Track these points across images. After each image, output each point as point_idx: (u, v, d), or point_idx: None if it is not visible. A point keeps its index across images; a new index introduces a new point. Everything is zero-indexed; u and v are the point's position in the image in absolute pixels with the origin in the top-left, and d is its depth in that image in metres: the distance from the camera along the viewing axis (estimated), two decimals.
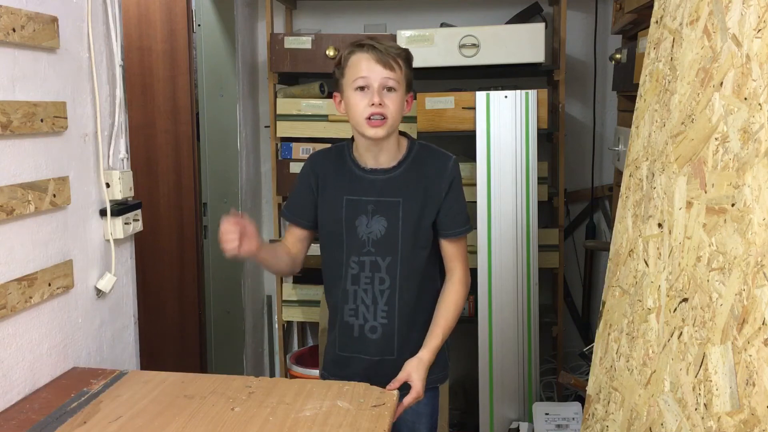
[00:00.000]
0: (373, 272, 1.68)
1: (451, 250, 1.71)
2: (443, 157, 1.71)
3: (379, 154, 1.67)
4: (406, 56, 1.64)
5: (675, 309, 1.29)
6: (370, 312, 1.69)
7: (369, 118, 1.58)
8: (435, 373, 1.72)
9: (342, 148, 1.73)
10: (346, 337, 1.73)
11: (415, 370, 1.61)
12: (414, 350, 1.68)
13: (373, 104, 1.57)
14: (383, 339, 1.70)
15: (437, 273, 1.76)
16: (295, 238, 1.76)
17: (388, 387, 1.54)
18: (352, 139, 1.72)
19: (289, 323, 3.30)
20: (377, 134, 1.60)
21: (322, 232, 1.74)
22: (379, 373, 1.65)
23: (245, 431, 1.35)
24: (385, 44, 1.60)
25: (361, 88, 1.59)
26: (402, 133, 1.71)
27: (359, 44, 1.61)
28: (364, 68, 1.58)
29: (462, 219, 1.71)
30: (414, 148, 1.70)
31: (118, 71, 1.85)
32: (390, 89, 1.59)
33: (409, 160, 1.68)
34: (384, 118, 1.58)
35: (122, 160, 1.88)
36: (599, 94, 3.15)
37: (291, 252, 1.75)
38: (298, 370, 2.98)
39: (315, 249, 1.84)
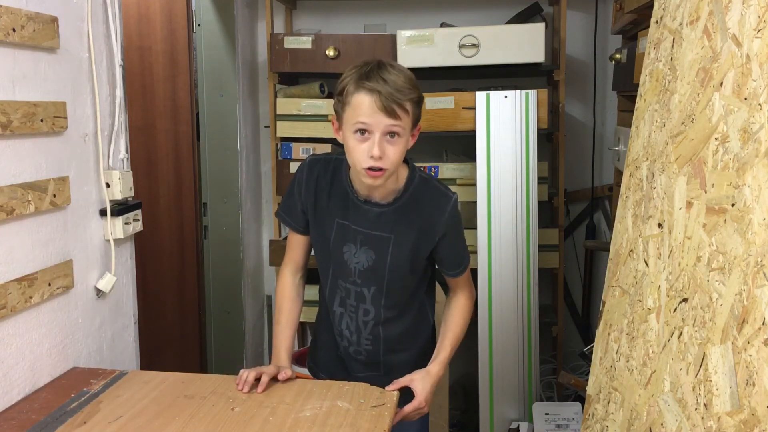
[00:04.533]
0: (358, 302, 1.64)
1: (455, 282, 1.70)
2: (442, 199, 1.60)
3: (374, 191, 1.58)
4: (417, 98, 1.49)
5: (675, 309, 1.29)
6: (353, 337, 1.68)
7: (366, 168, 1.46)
8: None
9: (339, 164, 1.61)
10: (336, 350, 1.73)
11: (419, 380, 1.59)
12: (401, 368, 1.65)
13: (372, 156, 1.44)
14: (368, 361, 1.70)
15: (425, 297, 1.73)
16: (301, 247, 1.72)
17: (387, 388, 1.54)
18: None
19: None
20: (375, 183, 1.49)
21: (314, 244, 1.70)
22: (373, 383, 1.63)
23: (245, 431, 1.35)
24: (393, 84, 1.43)
25: (362, 131, 1.45)
26: (404, 160, 1.59)
27: (366, 84, 1.44)
28: (366, 113, 1.43)
29: (461, 259, 1.67)
30: (413, 181, 1.59)
31: (118, 71, 1.85)
32: (393, 134, 1.45)
33: (407, 196, 1.58)
34: (382, 169, 1.46)
35: (122, 160, 1.88)
36: (599, 94, 3.15)
37: (297, 287, 1.74)
38: (298, 370, 2.96)
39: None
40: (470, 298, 1.72)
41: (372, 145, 1.44)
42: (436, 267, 1.72)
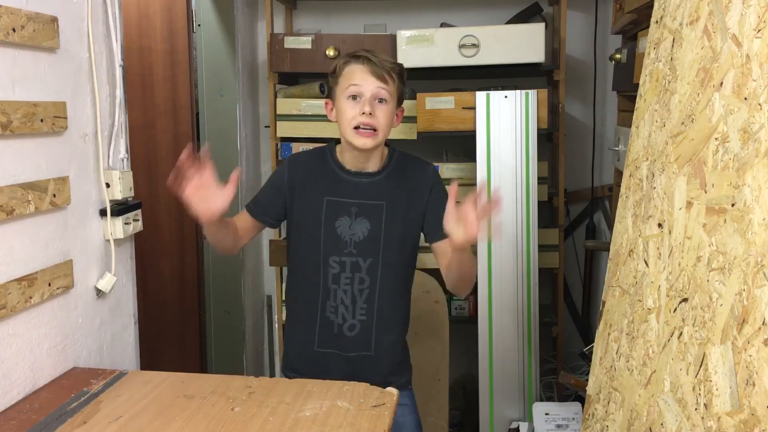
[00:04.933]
0: (353, 273, 1.70)
1: (447, 250, 1.69)
2: (423, 164, 1.76)
3: (365, 163, 1.70)
4: (400, 71, 1.67)
5: (675, 309, 1.29)
6: (349, 311, 1.72)
7: (357, 128, 1.61)
8: (405, 374, 1.83)
9: (323, 150, 1.76)
10: (325, 333, 1.74)
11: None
12: (390, 349, 1.74)
13: (363, 113, 1.60)
14: (361, 335, 1.72)
15: (410, 287, 1.80)
16: (248, 225, 1.76)
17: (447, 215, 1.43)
18: (336, 142, 1.74)
19: None
20: (365, 145, 1.62)
21: (298, 231, 1.75)
22: (358, 371, 1.68)
23: (245, 431, 1.35)
24: (381, 57, 1.65)
25: (354, 97, 1.62)
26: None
27: (355, 55, 1.65)
28: (358, 78, 1.62)
29: None
30: (395, 155, 1.74)
31: (118, 71, 1.85)
32: (381, 100, 1.62)
33: (391, 166, 1.72)
34: (374, 130, 1.61)
35: (122, 160, 1.88)
36: (599, 94, 3.15)
37: (238, 234, 1.73)
38: None
39: None
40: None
41: (363, 104, 1.61)
42: (433, 238, 1.70)
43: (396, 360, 1.79)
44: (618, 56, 2.65)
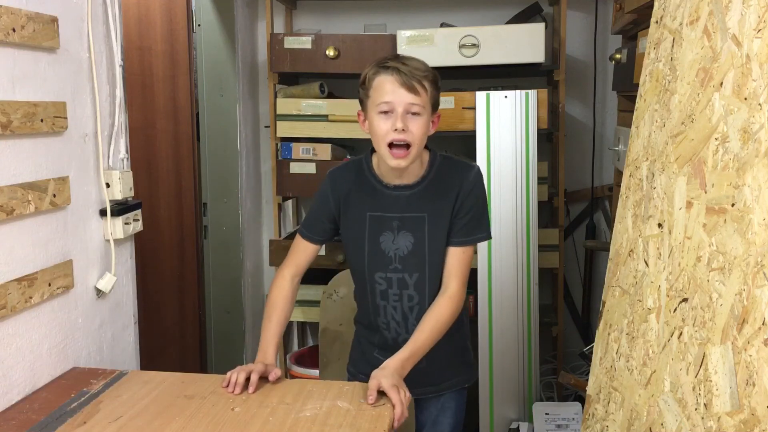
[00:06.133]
0: (401, 289, 1.67)
1: (452, 259, 1.66)
2: (466, 168, 1.67)
3: (402, 175, 1.64)
4: (433, 77, 1.59)
5: (675, 309, 1.29)
6: (401, 327, 1.69)
7: (391, 146, 1.55)
8: (460, 374, 1.78)
9: (360, 163, 1.70)
10: (383, 343, 1.73)
11: (375, 377, 1.49)
12: (443, 357, 1.68)
13: (396, 129, 1.53)
14: None
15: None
16: (307, 254, 1.73)
17: (369, 401, 1.47)
18: (371, 151, 1.68)
19: (289, 323, 3.30)
20: (400, 165, 1.57)
21: (346, 247, 1.73)
22: (410, 379, 1.56)
23: (245, 431, 1.35)
24: (411, 65, 1.56)
25: (385, 112, 1.55)
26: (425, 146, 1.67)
27: (384, 65, 1.56)
28: (389, 91, 1.54)
29: (473, 228, 1.66)
30: (436, 161, 1.67)
31: (118, 71, 1.85)
32: (414, 114, 1.55)
33: (432, 175, 1.65)
34: (408, 146, 1.54)
35: (122, 160, 1.88)
36: (599, 94, 3.15)
37: (294, 290, 1.71)
38: (298, 370, 2.98)
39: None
40: (459, 299, 1.65)
41: (395, 119, 1.54)
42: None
43: (448, 363, 1.73)
44: (618, 56, 2.65)
